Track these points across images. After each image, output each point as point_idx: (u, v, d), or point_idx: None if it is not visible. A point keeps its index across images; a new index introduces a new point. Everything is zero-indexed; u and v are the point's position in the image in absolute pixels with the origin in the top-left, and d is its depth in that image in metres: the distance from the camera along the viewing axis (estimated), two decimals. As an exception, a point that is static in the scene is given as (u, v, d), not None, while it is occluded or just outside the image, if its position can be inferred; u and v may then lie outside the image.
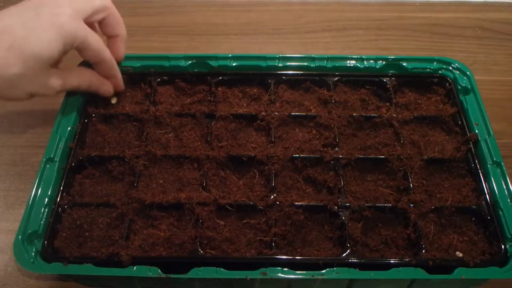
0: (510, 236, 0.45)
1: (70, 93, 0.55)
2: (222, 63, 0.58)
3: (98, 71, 0.53)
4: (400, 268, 0.42)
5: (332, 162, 0.51)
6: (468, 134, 0.52)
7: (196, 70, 0.59)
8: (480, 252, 0.45)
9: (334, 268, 0.42)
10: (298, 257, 0.44)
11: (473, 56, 0.71)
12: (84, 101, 0.55)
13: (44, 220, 0.46)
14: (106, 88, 0.54)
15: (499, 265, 0.43)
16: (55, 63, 0.49)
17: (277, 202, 0.47)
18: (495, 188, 0.48)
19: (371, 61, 0.59)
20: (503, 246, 0.44)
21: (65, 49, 0.47)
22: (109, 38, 0.54)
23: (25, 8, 0.47)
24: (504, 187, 0.48)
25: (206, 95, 0.57)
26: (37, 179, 0.48)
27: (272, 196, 0.48)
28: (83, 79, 0.52)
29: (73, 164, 0.50)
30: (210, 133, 0.53)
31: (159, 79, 0.58)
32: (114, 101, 0.56)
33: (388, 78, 0.58)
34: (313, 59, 0.59)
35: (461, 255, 0.45)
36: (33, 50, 0.45)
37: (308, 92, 0.58)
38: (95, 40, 0.49)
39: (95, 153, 0.51)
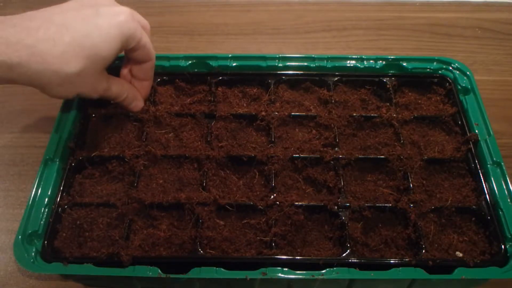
0: (510, 236, 0.45)
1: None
2: (222, 63, 0.58)
3: (139, 71, 0.52)
4: (400, 268, 0.42)
5: (332, 162, 0.51)
6: (468, 134, 0.52)
7: (196, 70, 0.59)
8: (480, 252, 0.45)
9: (334, 268, 0.42)
10: (298, 257, 0.44)
11: (473, 56, 0.71)
12: (84, 101, 0.55)
13: (44, 220, 0.46)
14: (138, 103, 0.53)
15: (499, 265, 0.43)
16: (109, 64, 0.47)
17: (277, 202, 0.47)
18: (495, 188, 0.48)
19: (371, 61, 0.59)
20: (503, 246, 0.44)
21: (122, 48, 0.46)
22: (141, 80, 0.53)
23: (82, 5, 0.45)
24: (504, 187, 0.48)
25: (206, 95, 0.57)
26: (37, 179, 0.48)
27: (272, 196, 0.48)
28: (123, 89, 0.51)
29: (73, 164, 0.50)
30: (210, 133, 0.53)
31: (159, 79, 0.58)
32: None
33: (388, 78, 0.58)
34: (313, 59, 0.59)
35: (461, 255, 0.45)
36: (95, 47, 0.43)
37: (308, 92, 0.58)
38: (148, 40, 0.49)
39: (95, 153, 0.51)
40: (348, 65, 0.59)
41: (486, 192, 0.48)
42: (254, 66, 0.59)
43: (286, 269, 0.42)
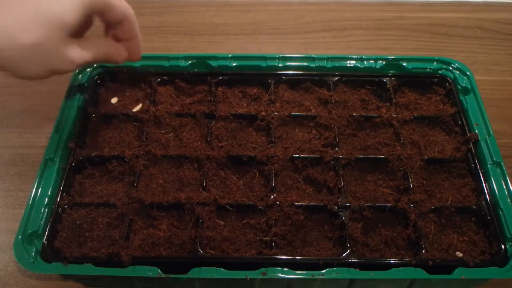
0: (510, 236, 0.45)
1: (70, 93, 0.55)
2: (222, 63, 0.58)
3: (121, 32, 0.50)
4: (400, 268, 0.42)
5: (332, 162, 0.51)
6: (468, 134, 0.52)
7: (196, 70, 0.59)
8: (480, 252, 0.45)
9: (334, 268, 0.42)
10: (298, 257, 0.44)
11: (473, 56, 0.71)
12: (84, 101, 0.55)
13: (44, 220, 0.46)
14: (121, 52, 0.51)
15: (499, 265, 0.43)
16: (74, 31, 0.45)
17: (277, 202, 0.47)
18: (495, 188, 0.48)
19: (371, 61, 0.59)
20: (503, 246, 0.44)
21: (86, 12, 0.44)
22: (126, 41, 0.51)
23: None
24: (504, 187, 0.48)
25: (206, 95, 0.57)
26: (37, 179, 0.48)
27: (272, 196, 0.48)
28: (101, 47, 0.48)
29: (73, 164, 0.50)
30: (210, 133, 0.53)
31: (159, 79, 0.58)
32: (114, 101, 0.56)
33: (388, 78, 0.58)
34: (313, 59, 0.59)
35: (461, 255, 0.45)
36: (56, 14, 0.41)
37: (308, 92, 0.58)
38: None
39: (95, 153, 0.51)
40: (348, 65, 0.59)
41: (486, 192, 0.48)
42: (254, 66, 0.59)
43: (286, 269, 0.42)
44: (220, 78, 0.58)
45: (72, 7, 0.43)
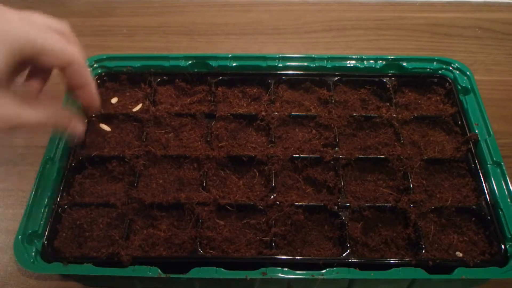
0: (510, 236, 0.45)
1: (70, 93, 0.55)
2: (222, 63, 0.58)
3: (69, 79, 0.42)
4: (400, 268, 0.42)
5: (332, 162, 0.51)
6: (468, 134, 0.52)
7: (196, 70, 0.59)
8: (480, 252, 0.45)
9: (334, 268, 0.42)
10: (298, 257, 0.44)
11: (473, 56, 0.71)
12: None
13: (44, 220, 0.46)
14: (76, 124, 0.45)
15: (499, 265, 0.43)
16: (7, 83, 0.39)
17: (277, 202, 0.47)
18: (495, 188, 0.48)
19: (371, 61, 0.59)
20: (503, 246, 0.44)
21: (15, 59, 0.38)
22: (77, 88, 0.44)
23: None
24: (504, 187, 0.48)
25: (206, 95, 0.57)
26: (37, 179, 0.48)
27: (272, 196, 0.48)
28: (49, 112, 0.42)
29: (73, 164, 0.50)
30: (210, 133, 0.53)
31: (159, 79, 0.58)
32: (114, 101, 0.56)
33: (388, 78, 0.58)
34: (313, 59, 0.59)
35: (461, 255, 0.45)
36: None
37: (308, 92, 0.58)
38: (54, 39, 0.40)
39: (95, 153, 0.51)
40: (348, 65, 0.59)
41: (486, 192, 0.48)
42: (254, 66, 0.59)
43: (286, 269, 0.42)
44: (220, 78, 0.58)
45: None
